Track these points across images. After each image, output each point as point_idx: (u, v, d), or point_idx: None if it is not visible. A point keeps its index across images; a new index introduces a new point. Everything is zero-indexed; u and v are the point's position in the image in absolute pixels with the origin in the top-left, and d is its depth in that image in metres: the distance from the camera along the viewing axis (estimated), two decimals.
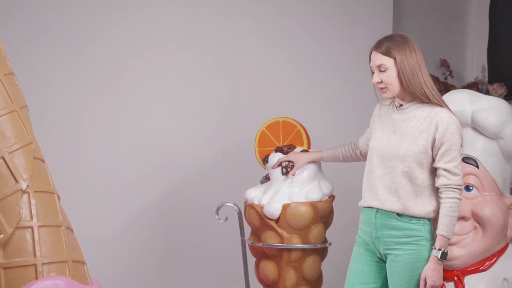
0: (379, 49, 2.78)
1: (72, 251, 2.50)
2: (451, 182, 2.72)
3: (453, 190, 2.72)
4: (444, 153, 2.73)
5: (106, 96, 4.07)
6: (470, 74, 4.87)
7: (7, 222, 2.38)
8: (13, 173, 2.42)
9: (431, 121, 2.76)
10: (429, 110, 2.78)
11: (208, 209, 3.93)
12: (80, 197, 3.98)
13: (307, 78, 4.35)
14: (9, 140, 2.44)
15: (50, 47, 3.99)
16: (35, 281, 2.37)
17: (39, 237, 2.41)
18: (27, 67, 3.91)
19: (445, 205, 2.73)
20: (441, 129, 2.73)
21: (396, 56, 2.75)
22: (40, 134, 2.84)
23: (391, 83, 2.77)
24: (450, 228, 2.72)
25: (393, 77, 2.77)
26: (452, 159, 2.73)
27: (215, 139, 4.19)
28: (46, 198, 2.49)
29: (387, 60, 2.76)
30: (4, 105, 2.45)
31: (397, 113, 2.85)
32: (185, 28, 4.18)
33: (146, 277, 4.09)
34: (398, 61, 2.75)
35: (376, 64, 2.79)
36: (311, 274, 3.29)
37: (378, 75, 2.79)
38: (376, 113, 2.96)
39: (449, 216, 2.72)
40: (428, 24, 4.85)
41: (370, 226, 2.85)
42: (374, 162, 2.84)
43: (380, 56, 2.77)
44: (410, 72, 2.75)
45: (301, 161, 3.21)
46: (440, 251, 2.71)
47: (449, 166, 2.72)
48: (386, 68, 2.76)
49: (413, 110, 2.81)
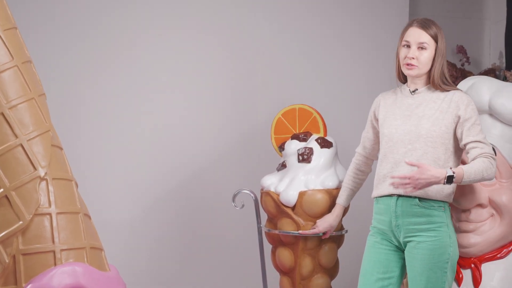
0: (427, 29, 2.85)
1: (90, 237, 2.52)
2: (485, 151, 2.76)
3: (487, 157, 2.75)
4: (471, 128, 2.78)
5: (124, 83, 4.08)
6: (487, 60, 4.84)
7: (26, 209, 2.40)
8: (31, 161, 2.43)
9: (450, 101, 2.82)
10: (444, 93, 2.85)
11: (224, 197, 3.94)
12: (98, 184, 3.99)
13: (323, 65, 4.33)
14: (27, 127, 2.46)
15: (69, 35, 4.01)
16: (54, 267, 2.39)
17: (57, 224, 2.43)
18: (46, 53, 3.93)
19: (482, 160, 2.74)
20: (463, 106, 2.80)
21: (438, 41, 2.85)
22: (58, 121, 2.85)
23: (425, 63, 2.84)
24: (471, 176, 2.71)
25: (429, 58, 2.84)
26: (479, 131, 2.79)
27: (231, 127, 4.19)
28: (64, 185, 2.50)
29: (431, 41, 2.84)
30: (23, 92, 2.47)
31: (411, 98, 2.88)
32: (201, 17, 4.17)
33: (164, 263, 4.11)
34: (438, 46, 2.85)
35: (419, 40, 2.84)
36: (327, 261, 3.29)
37: (415, 51, 2.84)
38: (381, 104, 2.97)
39: (480, 171, 2.72)
40: (444, 10, 4.81)
41: (388, 215, 2.84)
42: (393, 148, 2.84)
43: (426, 35, 2.84)
44: (440, 59, 2.85)
45: (332, 227, 3.19)
46: (452, 173, 2.69)
47: (479, 138, 2.78)
48: (427, 48, 2.83)
49: (428, 94, 2.87)
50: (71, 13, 4.02)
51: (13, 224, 2.39)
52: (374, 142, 3.06)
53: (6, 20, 2.50)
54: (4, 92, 2.43)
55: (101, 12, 4.05)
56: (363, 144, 3.10)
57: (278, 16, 4.27)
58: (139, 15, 4.10)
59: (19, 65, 2.48)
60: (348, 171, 3.17)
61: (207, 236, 4.16)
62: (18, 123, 2.44)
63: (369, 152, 3.10)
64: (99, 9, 4.05)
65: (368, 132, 3.07)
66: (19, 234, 2.40)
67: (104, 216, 3.87)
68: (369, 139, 3.07)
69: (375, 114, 3.00)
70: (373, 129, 3.04)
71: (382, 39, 4.32)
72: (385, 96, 3.00)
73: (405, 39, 2.87)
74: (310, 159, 3.26)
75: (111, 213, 4.01)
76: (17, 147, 2.42)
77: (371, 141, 3.07)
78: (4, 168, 2.41)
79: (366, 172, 3.16)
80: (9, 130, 2.43)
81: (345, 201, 3.17)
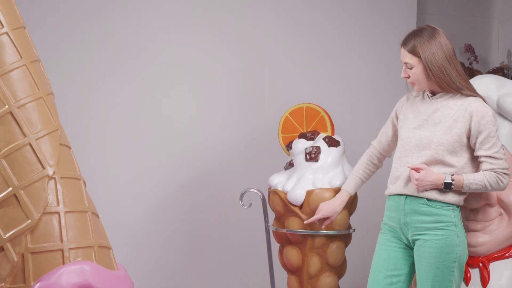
0: (405, 47, 2.80)
1: (98, 236, 2.52)
2: (494, 167, 2.75)
3: (497, 172, 2.75)
4: (483, 141, 2.75)
5: (132, 82, 4.09)
6: (495, 59, 4.83)
7: (35, 207, 2.41)
8: (40, 160, 2.44)
9: (465, 110, 2.77)
10: (462, 99, 2.80)
11: (232, 195, 3.94)
12: (106, 183, 4.01)
13: (330, 64, 4.33)
14: (36, 126, 2.46)
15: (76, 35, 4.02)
16: (62, 266, 2.39)
17: (65, 223, 2.44)
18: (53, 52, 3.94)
19: (489, 174, 2.75)
20: (476, 118, 2.75)
21: (421, 54, 2.76)
22: (66, 120, 2.86)
23: (418, 80, 2.81)
24: (472, 186, 2.74)
25: (419, 74, 2.79)
26: (492, 146, 2.75)
27: (239, 126, 4.20)
28: (72, 184, 2.51)
29: (411, 59, 2.79)
30: (31, 92, 2.47)
31: (429, 103, 2.86)
32: (209, 16, 4.18)
33: (171, 262, 4.12)
34: (423, 59, 2.76)
35: (403, 60, 2.83)
36: (335, 260, 3.29)
37: (405, 71, 2.83)
38: (404, 104, 2.96)
39: (483, 184, 2.74)
40: (452, 9, 4.80)
41: (398, 212, 2.85)
42: (407, 152, 2.83)
43: (406, 54, 2.80)
44: (437, 69, 2.77)
45: (336, 212, 3.16)
46: (450, 181, 2.73)
47: (490, 152, 2.75)
48: (412, 66, 2.79)
49: (446, 100, 2.83)
50: (79, 12, 4.03)
51: (22, 223, 2.40)
52: (392, 140, 3.05)
53: (15, 20, 2.50)
54: (12, 91, 2.44)
55: (107, 11, 4.06)
56: (380, 138, 3.09)
57: (286, 15, 4.28)
58: (147, 14, 4.11)
59: (27, 64, 2.48)
60: (360, 161, 3.14)
61: (214, 235, 4.16)
62: (27, 122, 2.44)
63: (384, 147, 3.08)
64: (106, 8, 4.06)
65: (388, 128, 3.05)
66: (27, 233, 2.40)
67: (112, 215, 3.88)
68: (387, 135, 3.05)
69: (396, 113, 2.99)
70: (393, 126, 3.03)
71: (390, 39, 4.31)
72: (409, 96, 2.97)
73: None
74: (317, 158, 3.26)
75: (119, 212, 4.02)
76: (26, 146, 2.43)
77: (388, 138, 3.05)
78: (13, 167, 2.41)
79: (378, 166, 3.14)
80: (18, 129, 2.43)
81: (352, 189, 3.14)
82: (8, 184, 2.40)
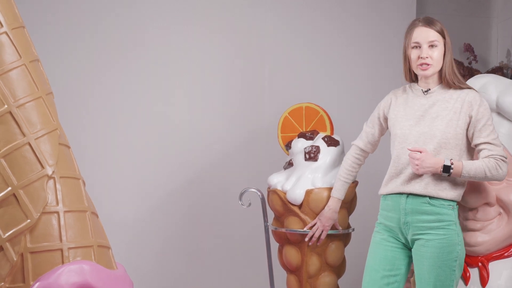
0: (433, 27, 2.85)
1: (97, 236, 2.52)
2: (493, 153, 2.76)
3: (495, 158, 2.75)
4: (482, 129, 2.78)
5: (131, 82, 4.09)
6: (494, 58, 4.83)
7: (34, 207, 2.41)
8: (39, 159, 2.44)
9: (463, 101, 2.81)
10: (458, 92, 2.84)
11: (231, 195, 3.94)
12: (105, 183, 4.01)
13: (330, 64, 4.33)
14: (35, 126, 2.46)
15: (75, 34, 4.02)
16: (61, 265, 2.39)
17: (65, 222, 2.44)
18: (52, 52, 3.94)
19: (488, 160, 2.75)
20: (476, 106, 2.80)
21: (446, 37, 2.86)
22: (65, 120, 2.86)
23: (438, 60, 2.84)
24: (471, 172, 2.74)
25: (441, 55, 2.85)
26: (490, 132, 2.78)
27: (238, 125, 4.20)
28: (72, 183, 2.51)
29: (439, 38, 2.84)
30: (30, 91, 2.48)
31: (424, 98, 2.87)
32: (208, 16, 4.18)
33: (171, 261, 4.12)
34: (446, 41, 2.86)
35: (428, 39, 2.84)
36: (334, 259, 3.29)
37: (428, 50, 2.84)
38: (392, 103, 2.95)
39: (482, 169, 2.74)
40: (452, 8, 4.80)
41: (397, 212, 2.84)
42: (405, 150, 2.83)
43: (434, 33, 2.84)
44: (449, 55, 2.86)
45: (333, 220, 3.20)
46: (449, 164, 2.73)
47: (489, 139, 2.78)
48: (437, 45, 2.84)
49: (441, 94, 2.86)
50: (79, 12, 4.03)
51: (21, 222, 2.40)
52: (378, 140, 3.07)
53: (14, 19, 2.50)
54: (12, 90, 2.44)
55: (107, 11, 4.06)
56: (367, 138, 3.08)
57: (286, 15, 4.28)
58: (147, 14, 4.11)
59: (26, 64, 2.48)
60: (345, 164, 3.14)
61: (214, 234, 4.16)
62: (26, 122, 2.44)
63: (369, 147, 3.09)
64: (106, 8, 4.06)
65: (374, 129, 3.05)
66: (27, 233, 2.40)
67: (111, 215, 3.88)
68: (373, 135, 3.06)
69: (384, 112, 2.99)
70: (379, 126, 3.03)
71: (389, 38, 4.32)
72: (396, 94, 2.98)
73: (414, 41, 2.85)
74: (316, 157, 3.26)
75: (119, 212, 4.02)
76: (25, 145, 2.43)
77: (375, 138, 3.06)
78: (12, 166, 2.42)
79: (361, 165, 3.17)
80: (17, 128, 2.43)
81: (343, 195, 3.17)
82: (7, 183, 2.40)
